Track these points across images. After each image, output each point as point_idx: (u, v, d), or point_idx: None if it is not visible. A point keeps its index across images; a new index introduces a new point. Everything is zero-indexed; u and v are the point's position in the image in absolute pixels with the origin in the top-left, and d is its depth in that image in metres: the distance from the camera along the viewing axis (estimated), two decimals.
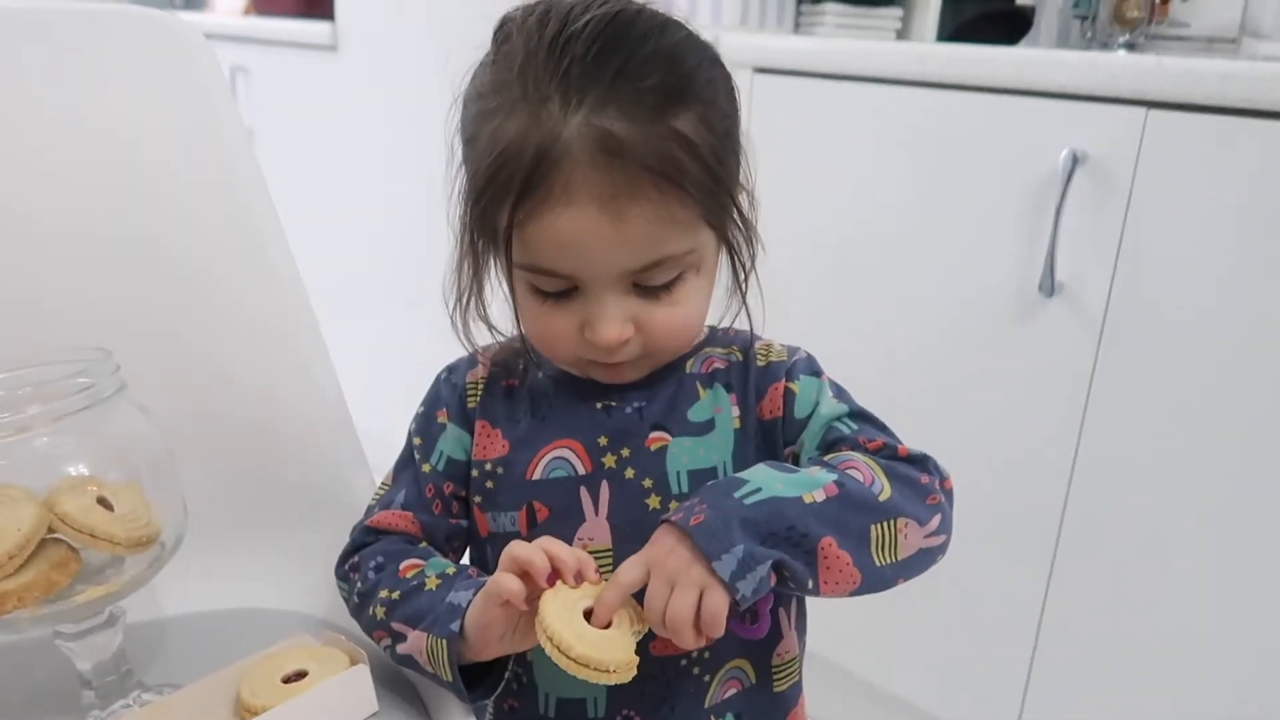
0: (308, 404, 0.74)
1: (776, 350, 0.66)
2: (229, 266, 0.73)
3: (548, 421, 0.64)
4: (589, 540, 0.62)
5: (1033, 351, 1.13)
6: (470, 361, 0.69)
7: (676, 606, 0.51)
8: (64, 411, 0.54)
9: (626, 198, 0.52)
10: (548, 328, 0.59)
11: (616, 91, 0.52)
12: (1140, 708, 1.14)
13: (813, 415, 0.62)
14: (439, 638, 0.56)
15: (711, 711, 0.64)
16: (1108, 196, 1.05)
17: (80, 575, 0.57)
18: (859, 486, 0.55)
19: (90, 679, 0.59)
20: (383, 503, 0.66)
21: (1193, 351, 1.02)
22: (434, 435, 0.66)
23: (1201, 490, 1.04)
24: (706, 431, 0.63)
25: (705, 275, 0.60)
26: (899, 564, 0.55)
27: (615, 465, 0.62)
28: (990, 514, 1.18)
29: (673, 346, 0.61)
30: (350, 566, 0.65)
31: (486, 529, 0.65)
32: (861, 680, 1.40)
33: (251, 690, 0.58)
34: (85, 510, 0.55)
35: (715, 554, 0.51)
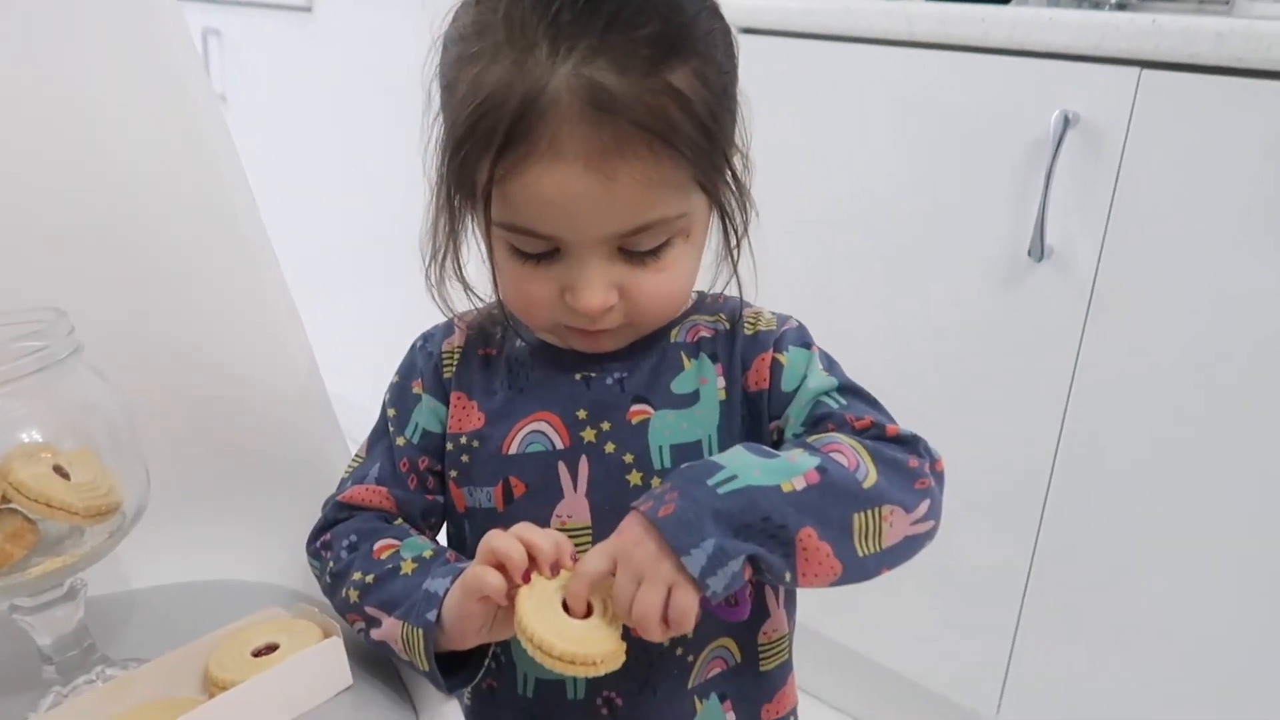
0: (279, 372, 0.72)
1: (766, 319, 0.63)
2: (197, 234, 0.70)
3: (525, 393, 0.62)
4: (567, 517, 0.59)
5: (1021, 317, 1.12)
6: (447, 329, 0.66)
7: (643, 603, 0.49)
8: (14, 374, 0.51)
9: (616, 156, 0.49)
10: (526, 292, 0.56)
11: (609, 41, 0.49)
12: (1122, 680, 1.14)
13: (800, 388, 0.59)
14: (415, 627, 0.54)
15: (695, 692, 0.63)
16: (1099, 159, 1.03)
17: (37, 547, 0.54)
18: (842, 472, 0.52)
19: (51, 654, 0.57)
20: (355, 477, 0.64)
21: (1183, 317, 1.01)
22: (409, 406, 0.64)
23: (1189, 461, 1.03)
24: (691, 404, 0.60)
25: (695, 241, 0.57)
26: (883, 553, 0.53)
27: (595, 439, 0.60)
28: (976, 483, 1.17)
29: (657, 316, 0.59)
30: (322, 544, 0.62)
31: (463, 504, 0.63)
32: (846, 649, 1.40)
33: (220, 664, 0.56)
34: (40, 479, 0.53)
35: (684, 549, 0.48)
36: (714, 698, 0.64)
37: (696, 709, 0.63)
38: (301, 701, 0.55)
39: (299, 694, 0.55)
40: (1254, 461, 0.99)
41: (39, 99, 0.66)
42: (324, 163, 2.04)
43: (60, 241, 0.67)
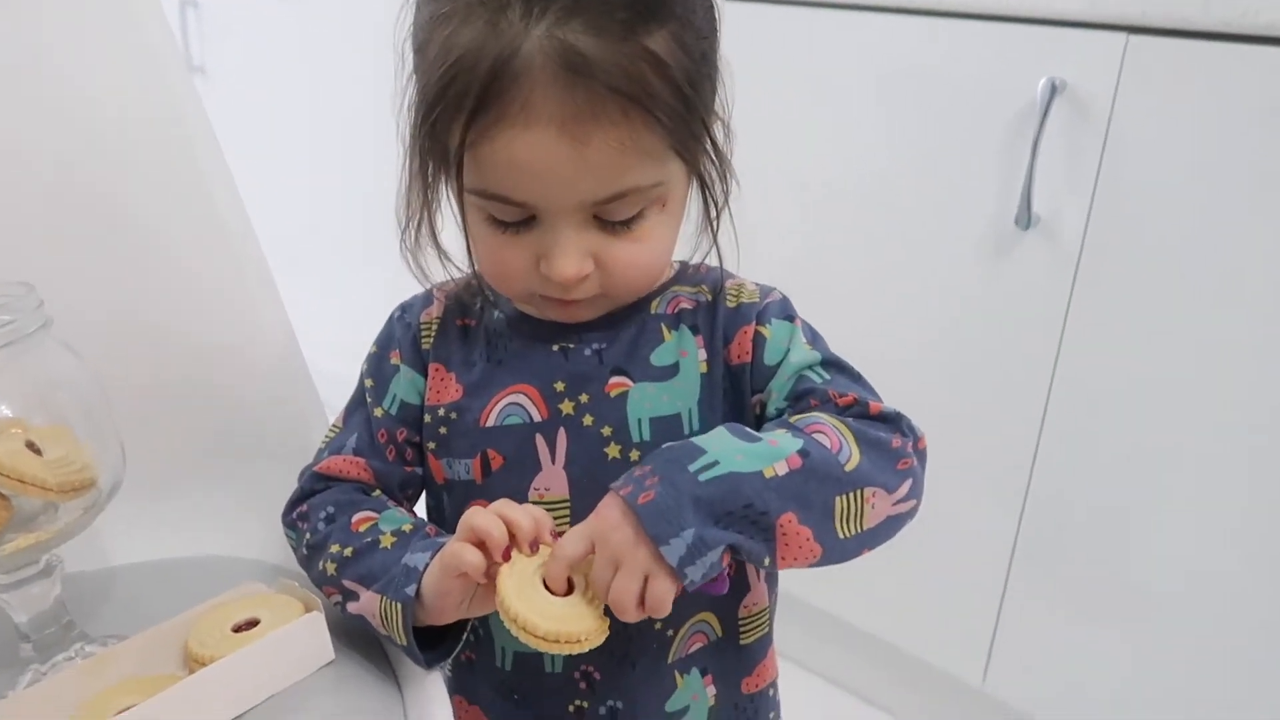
0: (256, 345, 0.71)
1: (748, 290, 0.62)
2: (171, 209, 0.69)
3: (503, 365, 0.61)
4: (545, 490, 0.59)
5: (1008, 286, 1.11)
6: (425, 300, 0.65)
7: (619, 589, 0.48)
8: None
9: (590, 121, 0.48)
10: (501, 260, 0.55)
11: (584, 3, 0.47)
12: (1108, 648, 1.15)
13: (783, 363, 0.58)
14: (394, 601, 0.53)
15: (675, 667, 0.63)
16: (1086, 127, 1.02)
17: (11, 524, 0.53)
18: (825, 455, 0.51)
19: (28, 632, 0.57)
20: (333, 447, 0.63)
21: (1170, 285, 1.01)
22: (386, 377, 0.63)
23: (1176, 429, 1.04)
24: (670, 376, 0.59)
25: (672, 211, 0.56)
26: (864, 534, 0.52)
27: (573, 412, 0.59)
28: (963, 451, 1.17)
29: (633, 286, 0.58)
30: (298, 515, 0.62)
31: (442, 476, 0.62)
32: (832, 617, 1.41)
33: (200, 640, 0.56)
34: (12, 455, 0.52)
35: (663, 538, 0.47)
36: (694, 672, 0.63)
37: (677, 683, 0.63)
38: (283, 677, 0.55)
39: (280, 669, 0.55)
40: (1241, 430, 0.99)
41: (7, 73, 0.65)
42: (304, 134, 2.01)
43: (30, 218, 0.65)
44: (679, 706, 0.64)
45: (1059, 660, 1.20)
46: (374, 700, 0.56)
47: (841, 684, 1.48)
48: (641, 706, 0.62)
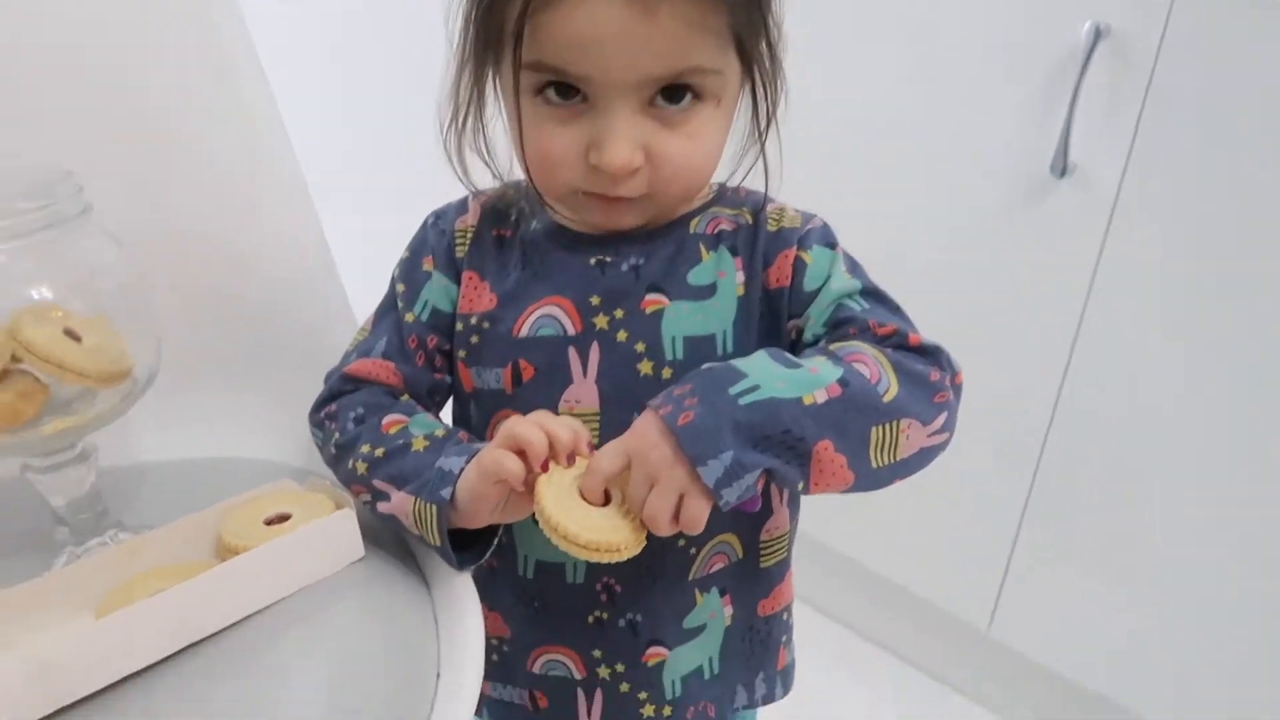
0: (289, 248, 0.71)
1: (790, 215, 0.61)
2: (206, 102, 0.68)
3: (538, 276, 0.60)
4: (575, 403, 0.59)
5: (1039, 234, 1.10)
6: (460, 207, 0.65)
7: (654, 506, 0.49)
8: (21, 229, 0.50)
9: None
10: (550, 147, 0.54)
11: None
12: (1112, 601, 1.16)
13: (822, 289, 0.58)
14: (428, 502, 0.54)
15: (696, 585, 0.63)
16: (1129, 74, 1.00)
17: (48, 407, 0.54)
18: (864, 384, 0.50)
19: (64, 515, 0.57)
20: (361, 349, 0.63)
21: (1204, 241, 0.99)
22: (419, 283, 0.63)
23: (1197, 390, 1.03)
24: (707, 296, 0.59)
25: (724, 112, 0.55)
26: (897, 464, 0.52)
27: (607, 326, 0.59)
28: (983, 399, 1.17)
29: (680, 186, 0.56)
30: (326, 415, 0.62)
31: (471, 385, 0.62)
32: (844, 557, 1.42)
33: (233, 531, 0.56)
34: (51, 340, 0.52)
35: (701, 459, 0.47)
36: (714, 591, 0.64)
37: (696, 601, 0.64)
38: (313, 571, 0.55)
39: (311, 563, 0.55)
40: (1267, 395, 0.99)
41: None
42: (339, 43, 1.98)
43: (69, 107, 0.64)
44: (696, 624, 0.64)
45: (1063, 611, 1.21)
46: (403, 597, 0.57)
47: (849, 623, 1.50)
48: (660, 621, 0.63)
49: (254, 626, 0.52)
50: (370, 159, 1.99)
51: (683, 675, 0.65)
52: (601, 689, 0.65)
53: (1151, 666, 1.15)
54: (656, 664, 0.64)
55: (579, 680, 0.65)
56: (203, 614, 0.50)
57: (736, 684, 0.68)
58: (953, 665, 1.39)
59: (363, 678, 0.50)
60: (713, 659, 0.66)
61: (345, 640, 0.52)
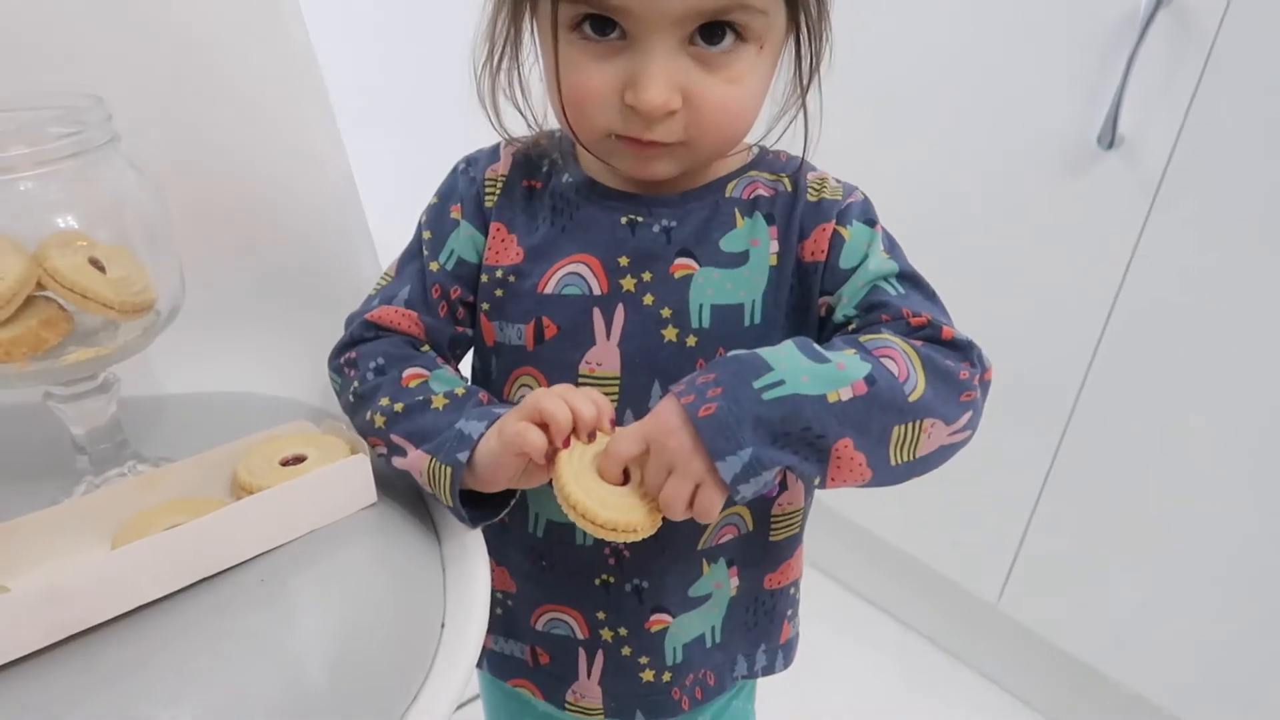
0: (317, 191, 0.70)
1: (831, 186, 0.59)
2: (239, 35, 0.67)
3: (567, 232, 0.59)
4: (597, 365, 0.58)
5: (1081, 206, 1.08)
6: (491, 155, 0.63)
7: (670, 494, 0.48)
8: (50, 156, 0.49)
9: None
10: (585, 85, 0.52)
11: None
12: (1123, 584, 1.15)
13: (859, 268, 0.56)
14: (444, 464, 0.54)
15: (704, 554, 0.63)
16: (1189, 44, 0.97)
17: (71, 337, 0.54)
18: (890, 383, 0.49)
19: (84, 445, 0.58)
20: (384, 296, 0.62)
21: (1248, 224, 0.96)
22: (445, 231, 0.62)
23: (1228, 374, 1.01)
24: (739, 264, 0.57)
25: (767, 58, 0.53)
26: (915, 462, 0.51)
27: (634, 289, 0.58)
28: (1010, 374, 1.15)
29: (718, 134, 0.54)
30: (346, 361, 0.61)
31: (492, 339, 0.62)
32: (856, 525, 1.42)
33: (249, 470, 0.57)
34: (76, 269, 0.52)
35: (720, 454, 0.47)
36: (721, 562, 0.64)
37: (703, 570, 0.64)
38: (326, 513, 0.56)
39: (324, 505, 0.55)
40: None
41: None
42: None
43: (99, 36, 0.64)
44: (702, 593, 0.64)
45: (1074, 591, 1.20)
46: (412, 546, 0.57)
47: (858, 591, 1.51)
48: (666, 588, 0.63)
49: (265, 565, 0.52)
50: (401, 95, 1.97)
51: (685, 643, 0.65)
52: (603, 650, 0.65)
53: (1160, 647, 1.14)
54: (659, 630, 0.64)
55: (581, 640, 0.65)
56: (215, 550, 0.51)
57: (737, 654, 0.68)
58: (960, 637, 1.39)
59: (369, 623, 0.51)
60: (715, 628, 0.66)
61: (354, 584, 0.52)
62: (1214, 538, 1.06)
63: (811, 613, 0.73)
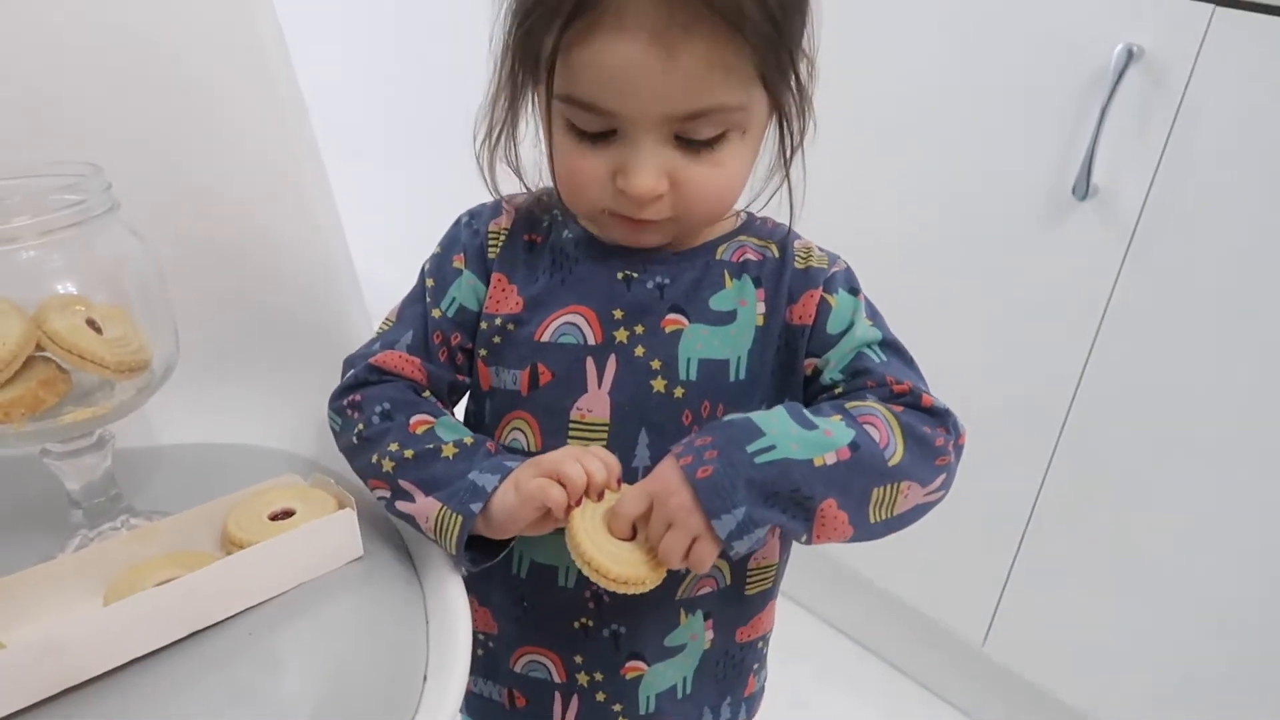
0: (306, 240, 0.72)
1: (816, 255, 0.63)
2: (231, 92, 0.69)
3: (565, 284, 0.62)
4: (587, 412, 0.60)
5: (1057, 255, 1.10)
6: (494, 210, 0.66)
7: (670, 545, 0.52)
8: (53, 225, 0.52)
9: (681, 32, 0.49)
10: (579, 169, 0.56)
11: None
12: (1109, 625, 1.16)
13: (846, 335, 0.60)
14: (455, 513, 0.56)
15: (681, 605, 0.65)
16: (1159, 98, 1.00)
17: (69, 396, 0.56)
18: (872, 449, 0.54)
19: (79, 499, 0.59)
20: (386, 340, 0.64)
21: (1222, 272, 0.99)
22: (448, 279, 0.64)
23: (1206, 416, 1.03)
24: (726, 322, 0.61)
25: (750, 141, 0.57)
26: (893, 519, 0.56)
27: (626, 341, 0.60)
28: (991, 416, 1.18)
29: (704, 212, 0.58)
30: (350, 403, 0.63)
31: (488, 384, 0.64)
32: (841, 565, 1.43)
33: (238, 524, 0.58)
34: (74, 330, 0.54)
35: (716, 513, 0.51)
36: (698, 614, 0.66)
37: (680, 620, 0.65)
38: (313, 567, 0.57)
39: (311, 559, 0.57)
40: (1275, 419, 0.99)
41: None
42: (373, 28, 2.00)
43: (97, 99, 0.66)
44: (677, 643, 0.66)
45: (1060, 632, 1.21)
46: (398, 596, 0.59)
47: (845, 631, 1.51)
48: (643, 635, 0.65)
49: (253, 618, 0.54)
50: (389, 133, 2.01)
51: (658, 692, 0.67)
52: (578, 695, 0.67)
53: (1148, 690, 1.15)
54: (634, 678, 0.66)
55: (558, 684, 0.67)
56: (205, 604, 0.53)
57: (704, 705, 0.69)
58: (947, 679, 1.40)
59: (353, 674, 0.52)
60: (687, 679, 0.67)
61: (339, 637, 0.54)
62: (1201, 578, 1.07)
63: (797, 653, 0.75)
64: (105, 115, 0.66)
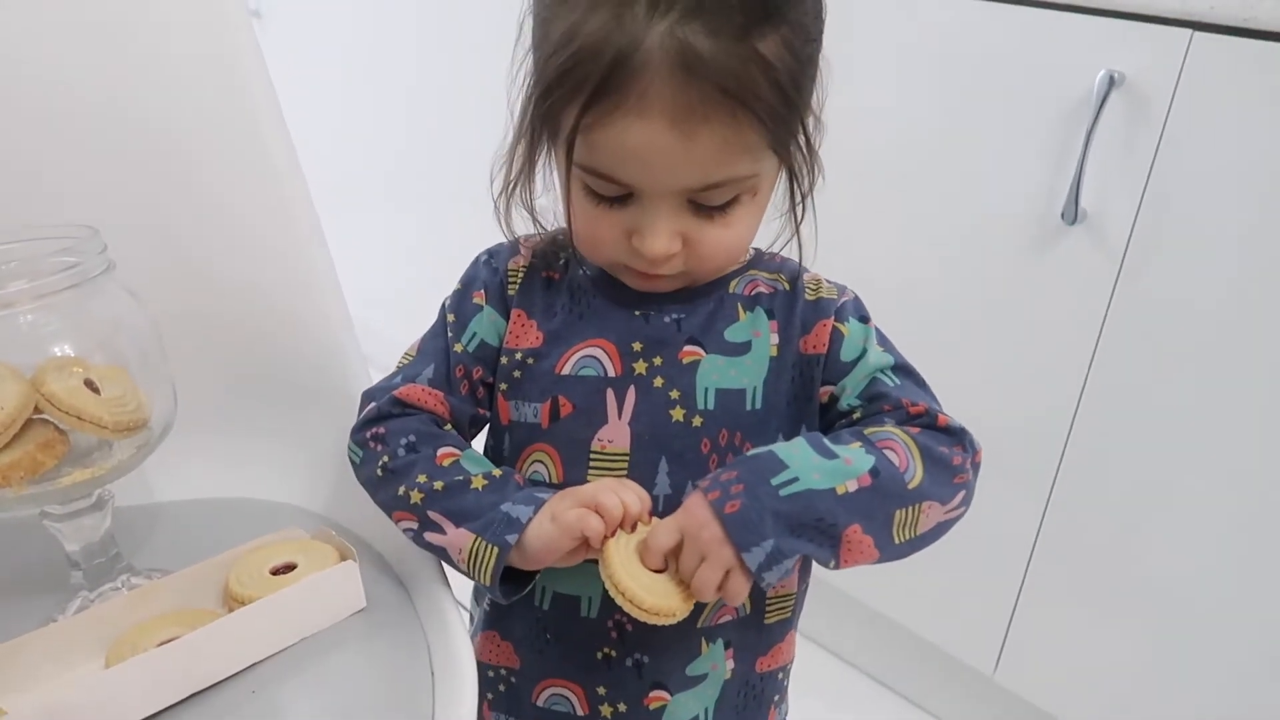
0: (302, 292, 0.72)
1: (826, 287, 0.65)
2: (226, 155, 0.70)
3: (584, 319, 0.64)
4: (608, 442, 0.62)
5: (1049, 280, 1.11)
6: (511, 250, 0.67)
7: (704, 577, 0.54)
8: (49, 289, 0.52)
9: (699, 117, 0.51)
10: (595, 229, 0.58)
11: (705, 2, 0.49)
12: (1120, 648, 1.15)
13: (859, 362, 0.62)
14: (491, 545, 0.56)
15: (703, 634, 0.65)
16: (1142, 123, 1.01)
17: (67, 457, 0.56)
18: (892, 473, 0.56)
19: (79, 560, 0.59)
20: (407, 374, 0.65)
21: (1214, 289, 0.99)
22: (468, 314, 0.65)
23: (1207, 435, 1.03)
24: (742, 353, 0.63)
25: (760, 200, 0.59)
26: (916, 539, 0.57)
27: (645, 372, 0.62)
28: (992, 443, 1.16)
29: (715, 268, 0.61)
30: (373, 436, 0.63)
31: (508, 417, 0.65)
32: (849, 597, 1.42)
33: (239, 580, 0.58)
34: (72, 392, 0.54)
35: (746, 546, 0.53)
36: (719, 643, 0.66)
37: (701, 649, 0.65)
38: (316, 620, 0.57)
39: (314, 613, 0.57)
40: (1270, 437, 0.99)
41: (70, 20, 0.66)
42: (359, 82, 2.02)
43: (92, 159, 0.67)
44: (699, 672, 0.66)
45: (1070, 657, 1.20)
46: (402, 647, 0.58)
47: (857, 665, 1.50)
48: (665, 664, 0.65)
49: (257, 675, 0.54)
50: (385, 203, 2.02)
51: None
52: None
53: (1159, 713, 1.14)
54: (658, 708, 0.66)
55: (580, 717, 0.66)
56: (208, 663, 0.52)
57: None
58: (959, 710, 1.38)
59: None
60: (709, 709, 0.67)
61: (344, 690, 0.54)
62: (1207, 598, 1.07)
63: (809, 688, 0.74)
64: (101, 180, 0.67)
